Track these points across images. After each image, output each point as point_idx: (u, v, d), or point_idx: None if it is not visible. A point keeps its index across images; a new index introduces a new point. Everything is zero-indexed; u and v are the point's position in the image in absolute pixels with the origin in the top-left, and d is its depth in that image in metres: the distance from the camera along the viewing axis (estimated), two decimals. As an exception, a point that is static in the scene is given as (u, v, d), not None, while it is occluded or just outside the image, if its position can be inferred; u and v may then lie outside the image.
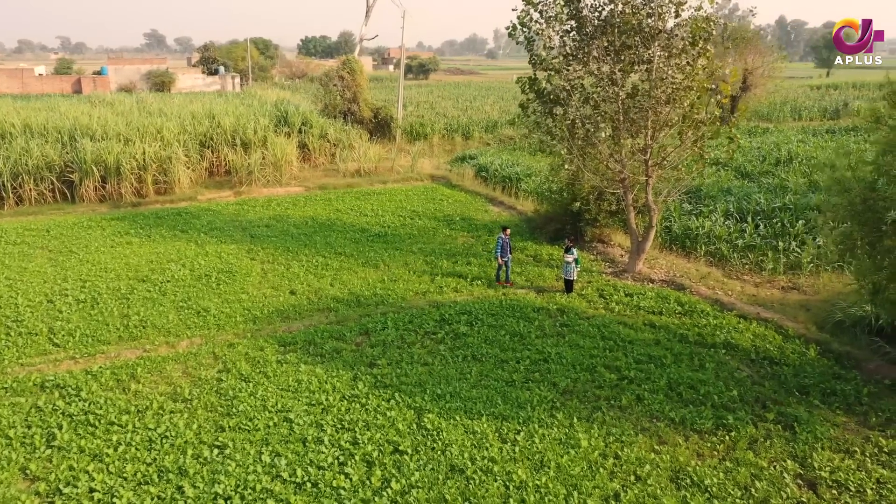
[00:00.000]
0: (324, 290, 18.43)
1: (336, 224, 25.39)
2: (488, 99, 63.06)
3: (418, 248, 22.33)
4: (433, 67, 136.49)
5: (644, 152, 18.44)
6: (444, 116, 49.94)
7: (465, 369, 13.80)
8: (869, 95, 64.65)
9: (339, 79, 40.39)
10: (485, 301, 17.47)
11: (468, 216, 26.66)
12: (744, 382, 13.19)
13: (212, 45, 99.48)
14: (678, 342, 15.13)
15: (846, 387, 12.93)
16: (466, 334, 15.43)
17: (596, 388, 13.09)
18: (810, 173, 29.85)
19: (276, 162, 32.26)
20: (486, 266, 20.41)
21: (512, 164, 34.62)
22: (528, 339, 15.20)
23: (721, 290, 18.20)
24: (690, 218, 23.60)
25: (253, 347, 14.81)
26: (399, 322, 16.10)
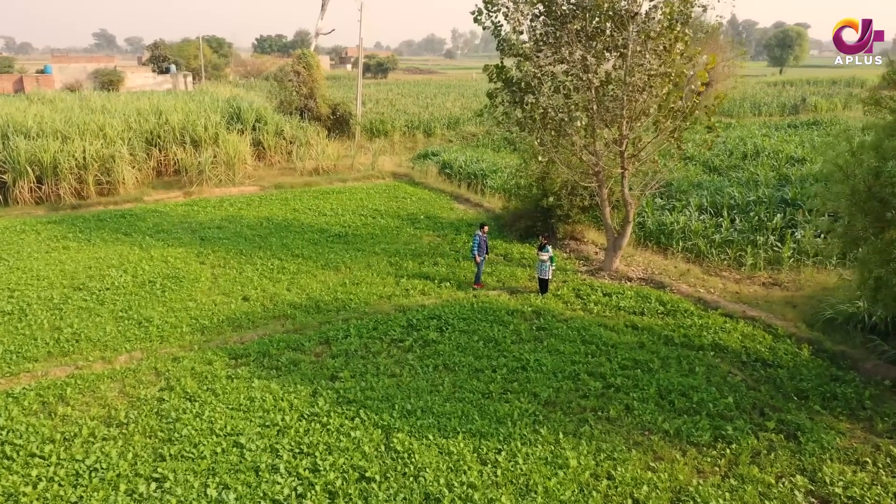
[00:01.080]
0: (280, 296, 16.97)
1: (293, 224, 23.88)
2: (449, 96, 61.91)
3: (381, 248, 21.00)
4: (392, 66, 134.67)
5: (619, 143, 17.43)
6: (404, 113, 48.59)
7: (437, 380, 12.55)
8: (825, 91, 65.38)
9: (295, 74, 38.71)
10: (455, 304, 16.24)
11: (433, 214, 25.40)
12: (738, 388, 12.22)
13: (162, 43, 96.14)
14: (664, 345, 14.12)
15: (846, 390, 12.05)
16: (437, 341, 14.18)
17: (581, 397, 11.97)
18: (779, 167, 29.45)
19: (229, 160, 30.55)
20: (454, 266, 19.19)
21: (477, 160, 33.49)
22: (503, 344, 14.02)
23: (703, 288, 17.30)
24: (664, 213, 22.77)
25: (200, 361, 13.32)
26: (363, 329, 14.77)
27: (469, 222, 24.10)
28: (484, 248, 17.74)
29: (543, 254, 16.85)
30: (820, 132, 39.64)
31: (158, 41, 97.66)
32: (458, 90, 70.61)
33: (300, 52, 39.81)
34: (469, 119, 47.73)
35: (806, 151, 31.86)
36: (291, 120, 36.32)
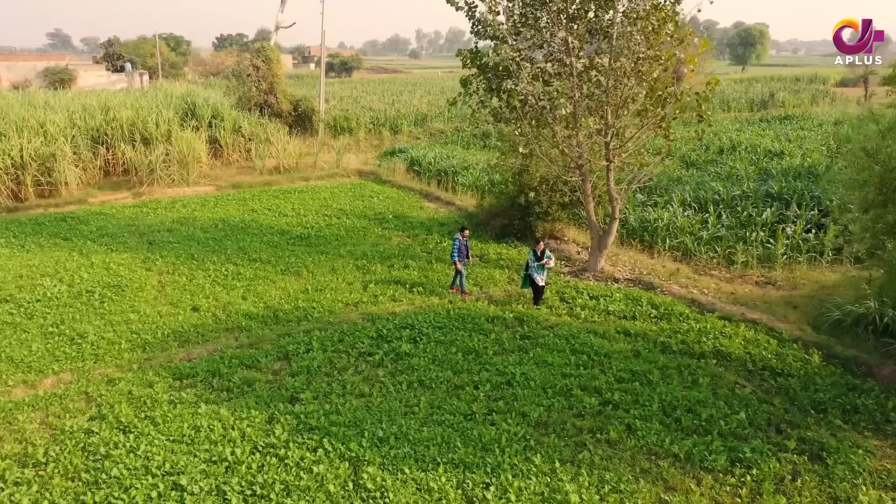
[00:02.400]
0: (234, 305, 15.28)
1: (251, 226, 22.12)
2: (416, 93, 60.36)
3: (347, 250, 19.39)
4: (356, 65, 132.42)
5: (605, 134, 16.11)
6: (370, 110, 46.90)
7: (412, 400, 11.03)
8: (791, 88, 65.44)
9: (254, 68, 36.77)
10: (429, 311, 14.73)
11: (402, 214, 23.85)
12: (749, 401, 10.94)
13: (116, 41, 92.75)
14: (661, 353, 12.81)
15: (867, 401, 10.85)
16: (410, 354, 12.66)
17: (575, 417, 10.56)
18: (758, 161, 28.58)
19: (183, 159, 28.58)
20: (426, 269, 17.68)
21: (447, 156, 32.02)
22: (484, 356, 12.56)
23: (696, 289, 16.08)
24: (646, 209, 21.57)
25: (139, 383, 11.60)
26: (326, 342, 13.18)
27: (441, 221, 22.62)
28: (465, 253, 16.27)
29: (549, 261, 15.11)
30: (793, 126, 39.12)
31: (113, 38, 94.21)
32: (424, 88, 69.11)
33: (259, 46, 37.89)
34: (437, 116, 46.26)
35: (783, 145, 31.11)
36: (250, 116, 34.44)
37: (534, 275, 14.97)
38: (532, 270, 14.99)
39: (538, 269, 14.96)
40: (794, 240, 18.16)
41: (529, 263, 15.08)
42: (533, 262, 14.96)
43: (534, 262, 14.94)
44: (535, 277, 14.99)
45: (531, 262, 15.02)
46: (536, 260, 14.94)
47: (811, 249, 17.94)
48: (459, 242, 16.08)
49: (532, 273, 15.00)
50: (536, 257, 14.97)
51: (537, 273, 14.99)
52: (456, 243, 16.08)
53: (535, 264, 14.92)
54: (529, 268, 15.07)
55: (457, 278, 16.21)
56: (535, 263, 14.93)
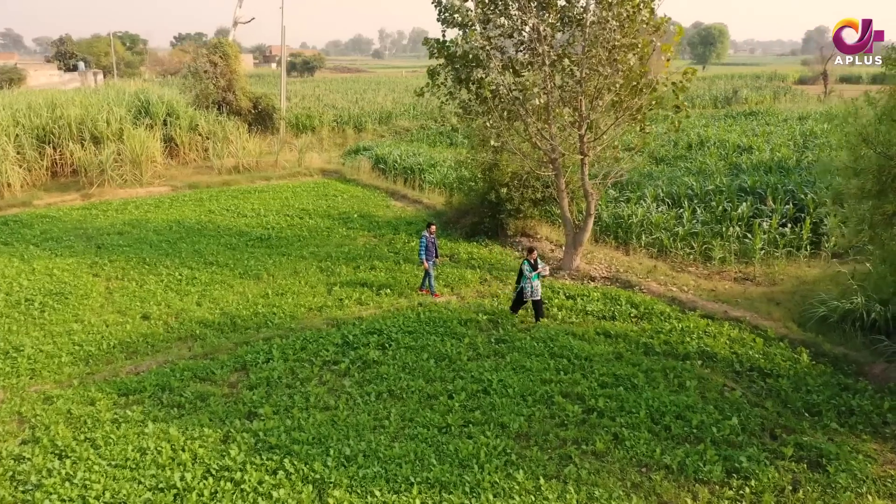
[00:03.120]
0: (188, 312, 14.23)
1: (208, 228, 20.98)
2: (380, 92, 59.33)
3: (310, 252, 18.41)
4: (319, 65, 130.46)
5: (579, 126, 15.44)
6: (332, 108, 45.78)
7: (382, 412, 10.17)
8: (752, 85, 66.05)
9: (211, 65, 35.40)
10: (398, 315, 13.87)
11: (368, 213, 22.93)
12: (740, 405, 10.32)
13: (69, 39, 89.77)
14: (644, 355, 12.15)
15: (862, 401, 10.31)
16: (378, 361, 11.79)
17: (558, 427, 9.81)
18: (727, 156, 28.33)
19: (136, 158, 27.22)
20: (394, 271, 16.81)
21: (413, 154, 31.15)
22: (458, 362, 11.75)
23: (675, 287, 15.50)
24: (619, 205, 21.01)
25: (79, 401, 10.53)
26: (288, 350, 12.23)
27: (408, 220, 21.76)
28: (433, 252, 15.39)
29: (543, 267, 13.64)
30: (759, 122, 39.18)
31: (65, 36, 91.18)
32: (388, 86, 68.12)
33: (216, 41, 36.52)
34: (402, 113, 45.36)
35: (751, 140, 30.96)
36: (208, 114, 33.10)
37: (527, 288, 13.24)
38: (526, 282, 13.24)
39: (535, 278, 13.27)
40: (770, 234, 17.73)
41: (525, 274, 13.26)
42: (529, 272, 13.23)
43: (530, 271, 13.24)
44: (529, 291, 13.28)
45: (527, 273, 13.23)
46: (532, 269, 13.31)
47: (788, 244, 17.53)
48: (426, 240, 15.22)
49: (525, 286, 13.26)
50: (532, 266, 13.34)
51: (531, 285, 13.25)
52: (423, 241, 15.21)
53: (532, 274, 13.23)
54: (524, 280, 13.27)
55: (426, 279, 15.39)
56: (532, 273, 13.23)
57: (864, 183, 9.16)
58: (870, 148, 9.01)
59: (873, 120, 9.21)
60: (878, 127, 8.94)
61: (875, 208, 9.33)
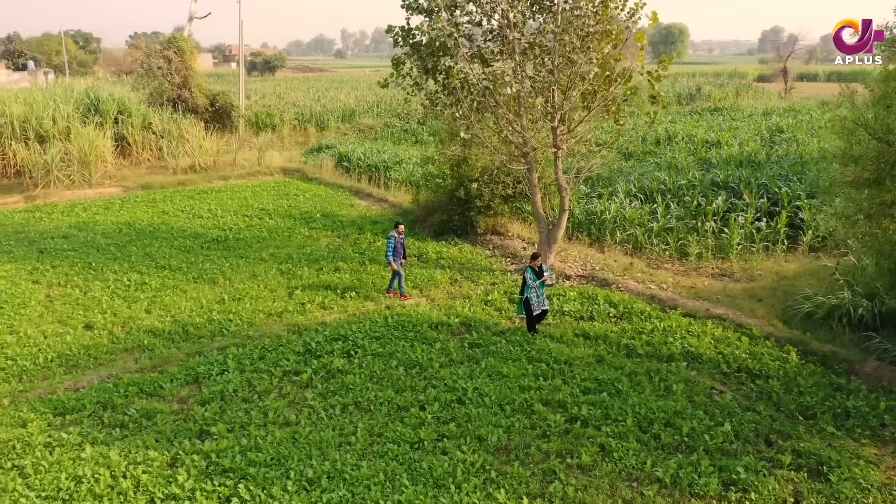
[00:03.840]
0: (136, 320, 13.15)
1: (160, 230, 19.79)
2: (342, 90, 58.13)
3: (270, 254, 17.41)
4: (280, 64, 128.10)
5: (552, 118, 14.75)
6: (294, 106, 44.52)
7: (348, 427, 9.30)
8: (715, 82, 66.47)
9: (165, 60, 33.98)
10: (364, 320, 13.00)
11: (331, 212, 21.97)
12: (731, 409, 9.70)
13: (17, 37, 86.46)
14: (626, 357, 11.49)
15: (857, 402, 9.78)
16: (344, 370, 10.91)
17: (540, 438, 9.06)
18: (696, 150, 28.05)
19: (84, 158, 25.81)
20: (359, 272, 15.92)
21: (377, 151, 30.22)
22: (430, 370, 10.93)
23: (653, 284, 14.91)
24: (590, 201, 20.41)
25: (9, 423, 9.46)
26: (245, 360, 11.27)
27: (373, 219, 20.87)
28: (401, 252, 14.53)
29: (549, 276, 12.74)
30: (724, 117, 39.20)
31: (13, 34, 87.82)
32: (350, 84, 66.89)
33: (170, 36, 35.08)
34: (365, 111, 44.33)
35: (719, 134, 30.76)
36: (162, 112, 31.70)
37: (533, 298, 12.12)
38: (531, 292, 12.12)
39: (539, 287, 12.19)
40: (747, 229, 17.29)
41: (528, 283, 12.13)
42: (533, 281, 12.11)
43: (534, 280, 12.12)
44: (535, 301, 12.16)
45: (531, 282, 12.11)
46: (537, 277, 12.18)
47: (764, 239, 17.11)
48: (395, 240, 14.36)
49: (531, 296, 12.13)
50: (536, 274, 12.19)
51: (537, 294, 12.17)
52: (390, 242, 14.35)
53: (537, 283, 12.13)
54: (528, 289, 12.15)
55: (394, 280, 14.55)
56: (537, 282, 12.13)
57: (862, 170, 8.61)
58: (868, 134, 8.46)
59: (871, 104, 8.67)
60: (880, 112, 8.39)
61: (872, 197, 8.80)
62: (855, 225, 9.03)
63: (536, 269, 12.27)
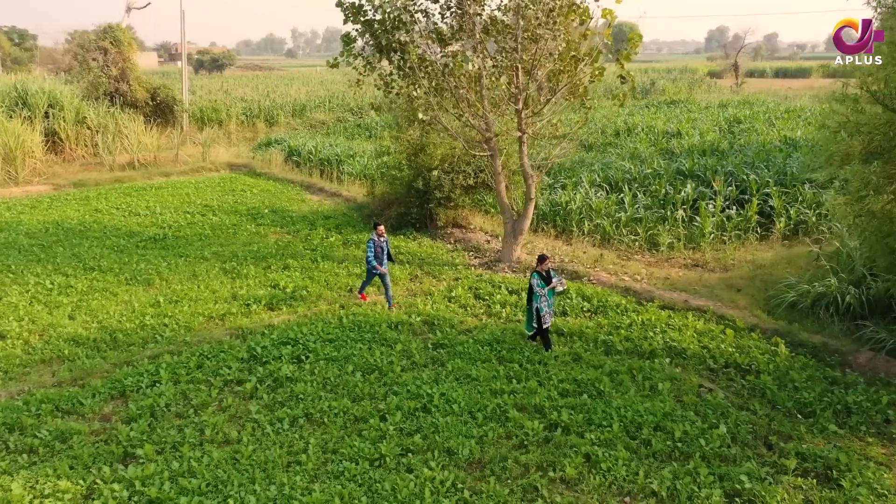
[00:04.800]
0: (57, 328, 11.67)
1: (92, 229, 18.15)
2: (293, 85, 56.35)
3: (213, 252, 16.01)
4: (228, 62, 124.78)
5: (516, 100, 13.76)
6: (242, 100, 42.71)
7: (298, 444, 8.11)
8: (668, 77, 66.78)
9: (101, 52, 31.96)
10: (316, 321, 11.77)
11: (281, 208, 20.60)
12: (724, 409, 8.81)
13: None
14: (604, 354, 10.55)
15: (857, 398, 9.00)
16: (293, 378, 9.69)
17: (517, 449, 8.01)
18: (657, 141, 27.50)
19: (9, 154, 23.95)
20: (311, 269, 14.67)
21: (330, 145, 28.86)
22: (390, 375, 9.79)
23: (627, 276, 14.04)
24: (555, 192, 19.52)
25: None
26: (180, 369, 9.95)
27: (326, 214, 19.59)
28: (384, 257, 12.58)
29: (558, 281, 10.56)
30: (681, 109, 38.98)
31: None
32: (301, 80, 65.17)
33: (106, 26, 33.02)
34: (317, 106, 42.78)
35: (679, 125, 30.33)
36: (98, 106, 29.74)
37: (544, 308, 10.33)
38: (541, 301, 10.33)
39: (549, 295, 10.42)
40: (718, 217, 16.61)
41: (535, 290, 10.34)
42: (541, 289, 10.33)
43: (542, 287, 10.34)
44: (547, 311, 10.39)
45: (537, 289, 10.31)
46: (545, 283, 10.42)
47: (735, 227, 16.45)
48: (374, 244, 12.38)
49: (541, 306, 10.32)
50: (544, 279, 10.43)
51: (547, 304, 10.38)
52: (370, 246, 12.36)
53: (545, 290, 10.35)
54: (536, 298, 10.34)
55: (366, 284, 13.11)
56: (545, 289, 10.35)
57: (870, 141, 7.81)
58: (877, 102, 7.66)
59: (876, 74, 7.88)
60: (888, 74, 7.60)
61: (881, 170, 8.02)
62: (862, 201, 8.23)
63: (544, 273, 10.47)
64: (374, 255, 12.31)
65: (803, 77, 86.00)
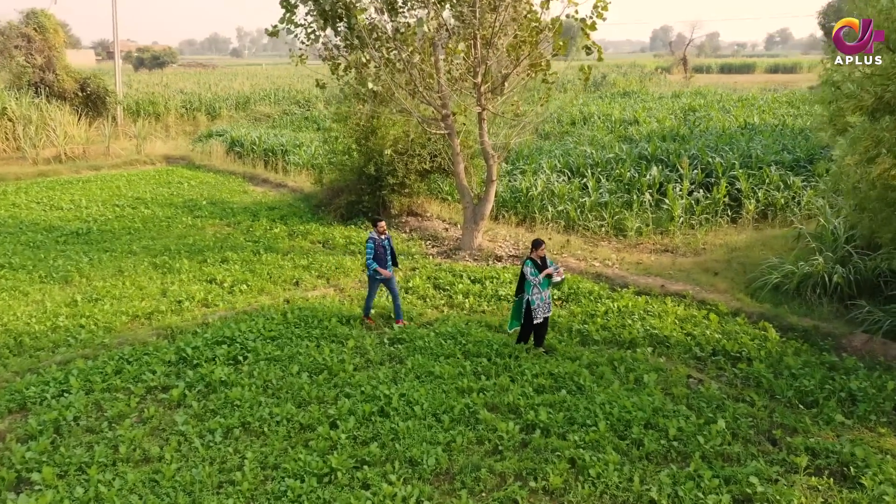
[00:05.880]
0: (-48, 333, 10.05)
1: (6, 224, 16.35)
2: (237, 79, 54.25)
3: (142, 246, 14.47)
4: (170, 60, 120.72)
5: (474, 73, 12.65)
6: (181, 93, 40.62)
7: (232, 460, 6.82)
8: (619, 70, 66.87)
9: (24, 39, 29.66)
10: (257, 317, 10.44)
11: (221, 200, 19.07)
12: (719, 402, 7.85)
13: None
14: (580, 345, 9.55)
15: (861, 384, 8.16)
16: (228, 382, 8.37)
17: (491, 456, 6.89)
18: (614, 129, 26.86)
19: (-83, 147, 21.66)
20: (252, 262, 13.30)
21: (275, 135, 27.31)
22: (341, 374, 8.56)
23: (597, 262, 13.09)
24: (514, 177, 18.52)
25: None
26: (94, 376, 8.52)
27: (270, 205, 18.17)
28: (388, 260, 10.15)
29: (556, 270, 9.03)
30: (635, 99, 38.74)
31: None
32: (245, 75, 62.94)
33: (30, 11, 30.70)
34: (262, 98, 41.00)
35: (636, 113, 29.79)
36: (21, 96, 27.52)
37: (535, 300, 8.89)
38: (532, 292, 8.90)
39: (543, 286, 8.97)
40: (686, 201, 15.84)
41: (528, 278, 8.90)
42: (534, 277, 8.87)
43: (535, 275, 8.87)
44: (539, 304, 8.93)
45: (530, 277, 8.88)
46: (539, 271, 8.92)
47: (704, 210, 15.72)
48: (375, 244, 9.95)
49: (533, 298, 8.90)
50: (538, 267, 8.96)
51: (540, 296, 8.93)
52: (370, 245, 9.93)
53: (539, 279, 8.88)
54: (528, 288, 8.93)
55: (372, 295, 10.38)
56: (539, 277, 8.87)
57: (883, 93, 6.97)
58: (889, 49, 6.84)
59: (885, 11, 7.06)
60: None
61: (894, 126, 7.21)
62: (871, 163, 7.39)
63: (538, 260, 9.05)
64: (376, 257, 9.96)
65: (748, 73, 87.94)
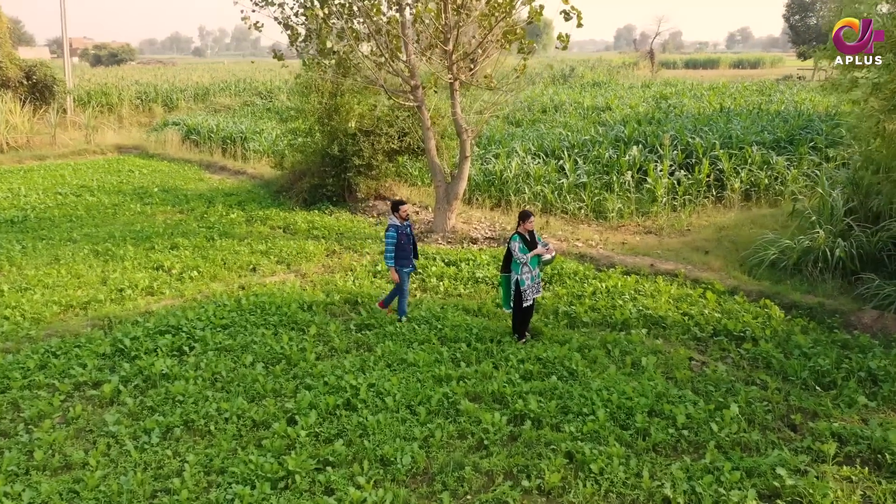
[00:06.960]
0: None
1: (-67, 213, 14.92)
2: (196, 72, 52.48)
3: (84, 234, 13.22)
4: (129, 58, 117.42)
5: (445, 40, 11.69)
6: (136, 83, 38.90)
7: (170, 464, 5.75)
8: (586, 65, 66.58)
9: (-37, 24, 27.87)
10: (207, 304, 9.34)
11: (174, 187, 17.80)
12: (730, 387, 7.00)
13: None
14: (568, 328, 8.66)
15: (880, 362, 7.39)
16: (170, 376, 7.27)
17: (476, 452, 5.93)
18: (587, 115, 26.11)
19: None
20: (205, 248, 12.16)
21: (234, 123, 26.02)
22: (302, 364, 7.52)
23: (580, 242, 12.23)
24: (487, 161, 17.60)
25: None
26: (13, 372, 7.36)
27: (227, 192, 16.99)
28: (410, 250, 8.77)
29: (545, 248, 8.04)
30: (605, 89, 38.17)
31: None
32: (206, 69, 61.11)
33: (-32, -5, 28.94)
34: (222, 89, 39.49)
35: (607, 100, 29.13)
36: (-39, 85, 25.80)
37: (526, 280, 7.86)
38: (521, 271, 7.86)
39: (532, 264, 7.91)
40: (669, 181, 15.09)
41: (515, 256, 7.88)
42: (522, 254, 7.84)
43: (524, 252, 7.85)
44: (529, 285, 7.89)
45: (518, 256, 7.85)
46: (528, 248, 7.92)
47: (687, 191, 14.99)
48: (398, 232, 8.51)
49: (523, 277, 7.86)
50: (525, 241, 7.95)
51: (530, 275, 7.91)
52: (390, 234, 8.49)
53: (528, 257, 7.86)
54: (516, 267, 7.91)
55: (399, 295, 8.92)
56: (528, 255, 7.86)
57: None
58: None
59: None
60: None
61: None
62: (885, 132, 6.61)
63: (526, 234, 8.03)
64: (398, 247, 8.48)
65: (713, 68, 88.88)
